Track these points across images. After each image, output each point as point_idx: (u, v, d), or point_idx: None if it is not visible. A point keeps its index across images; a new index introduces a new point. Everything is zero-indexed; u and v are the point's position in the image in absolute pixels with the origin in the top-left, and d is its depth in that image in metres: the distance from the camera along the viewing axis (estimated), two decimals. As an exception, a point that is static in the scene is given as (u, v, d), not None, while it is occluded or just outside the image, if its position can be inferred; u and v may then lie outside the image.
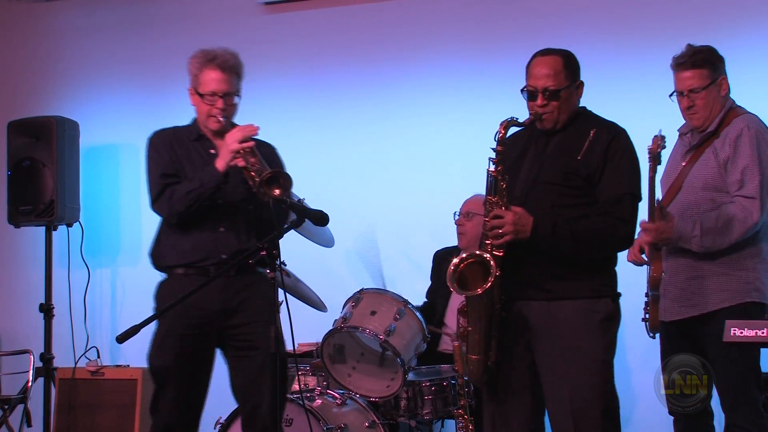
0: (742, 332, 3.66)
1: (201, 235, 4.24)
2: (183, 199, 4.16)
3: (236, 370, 4.27)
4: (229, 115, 4.30)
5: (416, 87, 6.27)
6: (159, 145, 4.35)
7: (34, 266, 6.57)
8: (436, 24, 6.29)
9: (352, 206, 6.11)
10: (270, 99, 6.47)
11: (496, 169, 3.89)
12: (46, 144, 6.17)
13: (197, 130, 4.37)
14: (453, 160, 6.05)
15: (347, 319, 4.84)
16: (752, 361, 4.27)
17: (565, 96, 3.95)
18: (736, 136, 4.27)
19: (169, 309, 4.01)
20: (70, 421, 5.86)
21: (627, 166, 3.94)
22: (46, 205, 6.13)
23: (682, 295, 4.32)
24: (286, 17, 6.60)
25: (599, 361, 3.88)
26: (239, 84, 4.33)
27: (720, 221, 4.21)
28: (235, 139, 4.13)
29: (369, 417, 4.90)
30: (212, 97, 4.26)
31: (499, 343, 3.92)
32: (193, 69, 4.32)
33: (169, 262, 4.30)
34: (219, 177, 4.15)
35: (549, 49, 4.03)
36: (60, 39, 7.03)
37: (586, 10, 5.99)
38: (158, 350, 4.23)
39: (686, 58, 4.36)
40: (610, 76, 5.72)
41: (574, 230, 3.85)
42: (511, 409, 3.97)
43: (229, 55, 4.31)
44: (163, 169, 4.28)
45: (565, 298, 3.89)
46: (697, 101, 4.34)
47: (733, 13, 5.68)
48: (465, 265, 3.83)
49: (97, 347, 6.13)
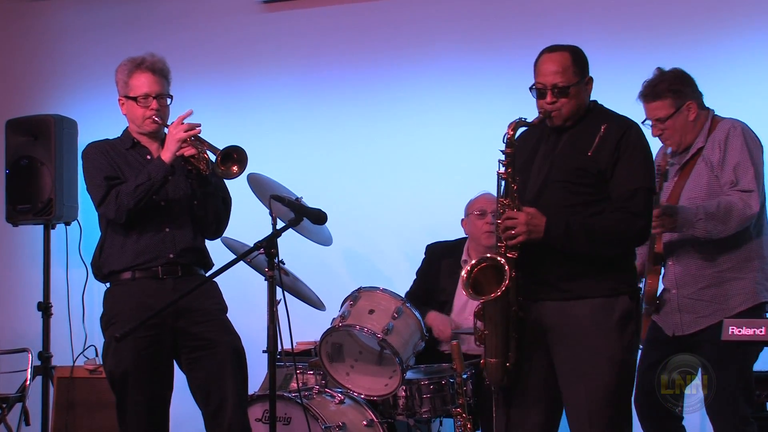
0: (741, 331, 3.66)
1: (147, 237, 4.28)
2: (132, 194, 4.19)
3: (195, 370, 4.27)
4: (164, 116, 4.36)
5: (414, 85, 6.27)
6: (94, 153, 4.40)
7: (32, 265, 6.57)
8: (434, 23, 6.29)
9: (351, 205, 6.11)
10: (267, 97, 6.48)
11: (506, 171, 3.86)
12: (44, 142, 6.16)
13: (131, 138, 4.42)
14: (451, 158, 6.05)
15: (345, 317, 4.84)
16: (743, 368, 4.27)
17: (574, 92, 3.91)
18: (724, 137, 4.30)
19: (164, 310, 4.01)
20: (69, 420, 5.86)
21: (639, 160, 3.88)
22: (45, 203, 6.11)
23: (697, 306, 4.31)
24: (285, 16, 6.59)
25: (617, 361, 3.83)
26: (169, 87, 4.41)
27: (720, 209, 4.19)
28: (181, 129, 4.18)
29: (367, 415, 4.90)
30: (146, 99, 4.32)
31: (517, 344, 3.90)
32: (122, 76, 4.40)
33: (115, 267, 4.31)
34: (166, 168, 4.19)
35: (556, 46, 3.99)
36: (58, 37, 7.02)
37: (586, 7, 5.99)
38: (114, 356, 4.24)
39: (649, 89, 4.39)
40: (612, 74, 5.71)
41: (588, 228, 3.81)
42: (528, 409, 3.94)
43: (157, 59, 4.42)
44: (104, 172, 4.32)
45: (582, 297, 3.85)
46: (665, 130, 4.38)
47: (734, 11, 5.69)
48: (479, 269, 3.81)
49: (95, 346, 6.10)
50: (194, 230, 4.34)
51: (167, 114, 4.39)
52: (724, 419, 4.24)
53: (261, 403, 4.71)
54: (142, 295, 4.23)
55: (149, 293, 4.23)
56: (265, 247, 3.87)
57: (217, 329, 4.26)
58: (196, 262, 4.35)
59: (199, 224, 4.36)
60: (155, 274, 4.25)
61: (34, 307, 6.14)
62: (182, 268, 4.29)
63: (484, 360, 3.94)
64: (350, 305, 4.89)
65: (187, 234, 4.32)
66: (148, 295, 4.22)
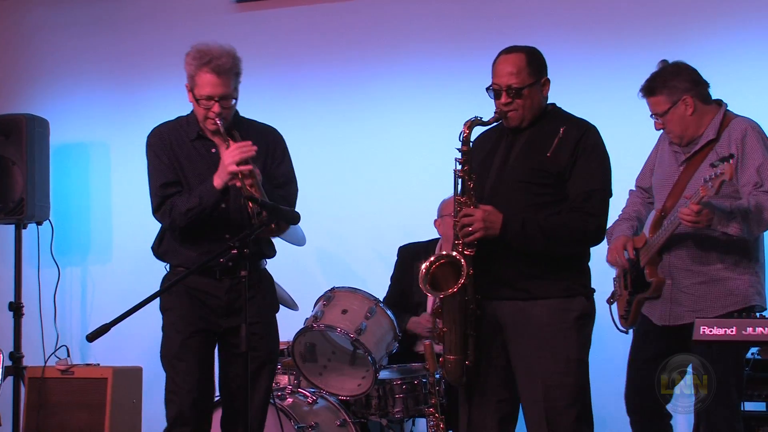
0: (711, 331, 3.67)
1: (205, 242, 4.22)
2: (183, 216, 4.16)
3: (230, 369, 4.27)
4: (226, 116, 4.23)
5: (387, 85, 6.28)
6: (158, 148, 4.29)
7: (3, 265, 6.53)
8: (409, 23, 6.30)
9: (324, 205, 6.10)
10: (240, 97, 6.45)
11: (462, 169, 3.91)
12: (15, 142, 6.12)
13: (197, 128, 4.32)
14: (424, 158, 6.06)
15: (318, 317, 4.84)
16: (735, 364, 4.27)
17: (528, 93, 3.95)
18: (742, 136, 4.24)
19: (147, 302, 3.97)
20: (40, 421, 5.82)
21: (597, 162, 3.95)
22: (16, 203, 6.08)
23: (689, 300, 4.30)
24: (258, 15, 6.58)
25: (574, 360, 3.89)
26: (236, 83, 4.27)
27: (754, 209, 4.15)
28: (232, 160, 4.08)
29: (340, 416, 4.90)
30: (208, 102, 4.20)
31: (476, 342, 3.93)
32: (189, 69, 4.25)
33: (173, 262, 4.32)
34: (217, 194, 4.14)
35: (513, 47, 4.03)
36: (30, 36, 6.98)
37: (560, 8, 6.01)
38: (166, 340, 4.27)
39: (645, 85, 4.39)
40: (584, 75, 5.76)
41: (543, 226, 3.86)
42: (488, 408, 3.98)
43: (225, 56, 4.22)
44: (163, 178, 4.25)
45: (539, 298, 3.90)
46: (666, 124, 4.37)
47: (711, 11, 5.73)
48: (436, 266, 3.84)
49: (67, 346, 6.08)
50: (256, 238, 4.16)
51: (231, 113, 4.26)
52: (717, 414, 4.24)
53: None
54: (196, 291, 4.23)
55: (205, 290, 4.22)
56: (238, 247, 3.86)
57: (262, 332, 4.23)
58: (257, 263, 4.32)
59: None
60: (213, 274, 4.22)
61: (6, 307, 6.10)
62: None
63: (443, 358, 3.97)
64: (323, 305, 4.90)
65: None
66: (203, 292, 4.22)
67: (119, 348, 5.74)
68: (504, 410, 3.99)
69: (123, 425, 5.72)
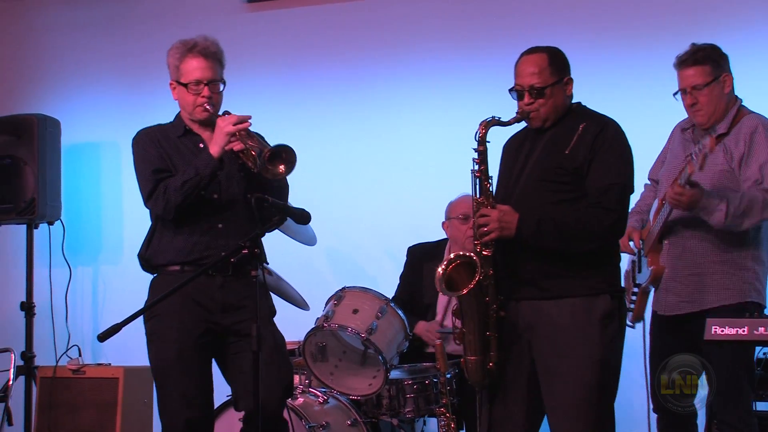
0: (723, 330, 3.67)
1: (198, 233, 4.14)
2: (179, 189, 4.05)
3: (238, 360, 4.13)
4: (216, 103, 4.19)
5: (398, 84, 6.28)
6: (145, 142, 4.23)
7: (14, 265, 6.54)
8: (420, 22, 6.29)
9: (335, 204, 6.11)
10: (251, 97, 6.44)
11: (479, 169, 3.90)
12: (27, 142, 6.14)
13: (183, 125, 4.26)
14: (435, 157, 6.06)
15: (329, 317, 4.84)
16: (745, 359, 4.26)
17: (550, 93, 3.94)
18: (751, 132, 4.24)
19: (155, 304, 3.97)
20: (51, 420, 5.83)
21: (615, 156, 3.89)
22: (27, 203, 6.09)
23: (683, 290, 4.31)
24: (269, 15, 6.59)
25: (596, 361, 3.83)
26: (222, 71, 4.23)
27: (743, 203, 4.15)
28: (229, 122, 4.05)
29: (351, 415, 4.90)
30: (197, 86, 4.15)
31: (498, 343, 3.91)
32: (173, 60, 4.21)
33: (162, 261, 4.19)
34: (215, 163, 4.05)
35: (535, 47, 4.01)
36: (41, 36, 7.00)
37: (575, 7, 6.00)
38: (157, 347, 4.14)
39: (688, 56, 4.34)
40: (602, 73, 5.74)
41: (558, 224, 3.83)
42: (510, 408, 3.95)
43: (210, 42, 4.21)
44: (153, 165, 4.16)
45: (562, 297, 3.86)
46: (700, 98, 4.31)
47: (729, 10, 5.71)
48: (453, 267, 3.83)
49: (78, 346, 6.10)
50: (248, 226, 4.13)
51: (220, 101, 4.21)
52: (730, 413, 4.24)
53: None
54: (188, 288, 3.99)
55: (197, 288, 4.06)
56: (248, 247, 3.85)
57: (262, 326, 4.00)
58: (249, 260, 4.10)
59: (252, 219, 4.15)
60: (205, 271, 4.05)
61: (17, 307, 6.12)
62: (233, 266, 4.09)
63: (463, 359, 3.95)
64: (334, 305, 4.90)
65: (241, 229, 4.11)
66: (196, 290, 4.06)
67: (130, 348, 5.70)
68: (527, 411, 3.94)
69: (134, 425, 5.73)
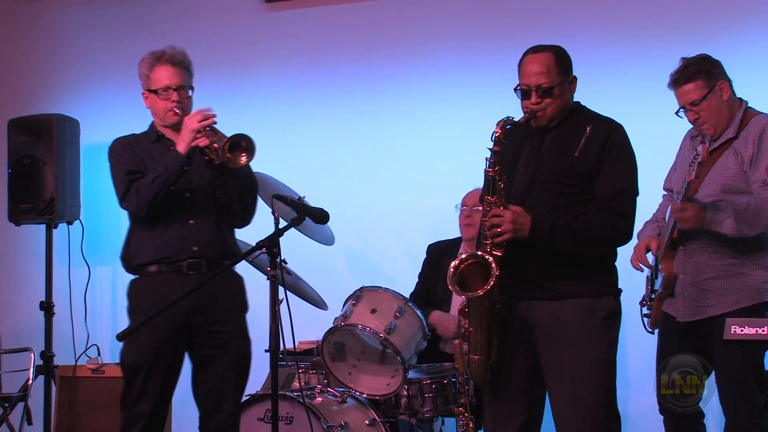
0: (743, 330, 3.66)
1: (171, 230, 4.26)
2: (150, 186, 4.18)
3: (203, 367, 4.27)
4: (186, 107, 4.34)
5: (415, 84, 6.28)
6: (119, 149, 4.38)
7: (34, 264, 6.57)
8: (437, 21, 6.29)
9: (353, 204, 6.11)
10: (270, 96, 6.49)
11: (493, 168, 3.89)
12: (46, 142, 6.17)
13: (156, 132, 4.43)
14: (453, 157, 6.05)
15: (347, 317, 4.84)
16: (755, 361, 4.26)
17: (558, 92, 3.94)
18: (759, 133, 4.23)
19: (171, 306, 3.99)
20: (71, 419, 5.86)
21: (624, 161, 3.94)
22: (47, 203, 6.12)
23: (701, 295, 4.29)
24: (287, 15, 6.60)
25: (602, 359, 3.89)
26: (191, 79, 4.41)
27: (750, 208, 4.15)
28: (195, 119, 4.20)
29: (369, 415, 4.90)
30: (166, 92, 4.32)
31: (500, 342, 3.93)
32: (144, 70, 4.40)
33: (140, 261, 4.30)
34: (182, 158, 4.19)
35: (540, 46, 4.01)
36: (60, 37, 7.03)
37: (584, 7, 5.99)
38: (132, 346, 4.23)
39: (679, 74, 4.34)
40: (608, 74, 5.73)
41: (572, 227, 3.85)
42: (512, 407, 3.98)
43: (177, 51, 4.41)
44: (126, 167, 4.30)
45: (567, 297, 3.89)
46: (701, 113, 4.31)
47: (733, 11, 5.68)
48: (465, 266, 3.83)
49: (97, 345, 6.13)
50: (219, 221, 4.31)
51: (189, 106, 4.37)
52: (739, 410, 4.22)
53: (263, 402, 4.71)
54: (164, 290, 4.17)
55: (173, 288, 4.15)
56: (267, 247, 3.86)
57: (231, 330, 4.26)
58: (222, 255, 4.29)
59: (224, 214, 4.32)
60: (179, 269, 4.23)
61: (37, 307, 6.14)
62: (207, 262, 4.25)
63: (467, 357, 3.97)
64: (352, 304, 4.89)
65: (212, 225, 4.29)
66: (171, 289, 4.14)
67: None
68: (529, 410, 3.99)
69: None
